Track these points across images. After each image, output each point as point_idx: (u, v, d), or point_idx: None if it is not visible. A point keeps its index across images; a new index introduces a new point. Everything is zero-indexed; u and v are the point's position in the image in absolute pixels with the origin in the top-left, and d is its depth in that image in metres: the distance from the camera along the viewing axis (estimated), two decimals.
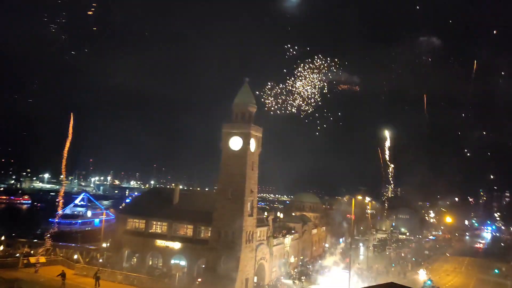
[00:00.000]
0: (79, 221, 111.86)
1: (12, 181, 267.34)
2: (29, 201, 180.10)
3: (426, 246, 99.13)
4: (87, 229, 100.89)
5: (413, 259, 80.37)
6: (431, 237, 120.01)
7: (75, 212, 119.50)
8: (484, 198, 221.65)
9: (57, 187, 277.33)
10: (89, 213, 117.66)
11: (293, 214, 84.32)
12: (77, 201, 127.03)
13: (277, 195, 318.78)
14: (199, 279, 47.83)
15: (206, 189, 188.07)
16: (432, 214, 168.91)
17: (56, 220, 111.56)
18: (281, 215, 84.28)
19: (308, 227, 75.75)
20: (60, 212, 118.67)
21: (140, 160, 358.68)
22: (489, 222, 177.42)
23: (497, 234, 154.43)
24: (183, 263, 52.02)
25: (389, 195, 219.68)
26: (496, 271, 71.33)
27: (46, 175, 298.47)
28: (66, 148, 62.88)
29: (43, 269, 49.10)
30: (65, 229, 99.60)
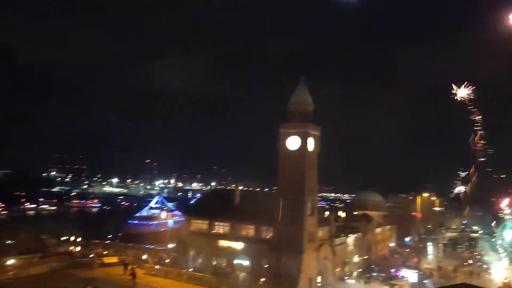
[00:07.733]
0: (155, 222, 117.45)
1: (85, 186, 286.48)
2: (98, 204, 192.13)
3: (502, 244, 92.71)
4: (162, 229, 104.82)
5: (487, 258, 75.36)
6: (506, 234, 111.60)
7: (151, 214, 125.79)
8: None
9: (125, 190, 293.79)
10: (163, 215, 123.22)
11: (355, 213, 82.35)
12: (152, 204, 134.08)
13: (338, 194, 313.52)
14: (263, 279, 48.07)
15: (266, 190, 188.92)
16: (508, 211, 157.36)
17: (135, 222, 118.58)
18: (343, 215, 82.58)
19: (372, 226, 73.65)
20: (137, 214, 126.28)
21: (201, 162, 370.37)
22: None
23: None
24: (246, 263, 52.49)
25: (459, 192, 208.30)
26: None
27: (115, 180, 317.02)
28: None
29: (115, 268, 51.86)
30: (143, 230, 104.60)
